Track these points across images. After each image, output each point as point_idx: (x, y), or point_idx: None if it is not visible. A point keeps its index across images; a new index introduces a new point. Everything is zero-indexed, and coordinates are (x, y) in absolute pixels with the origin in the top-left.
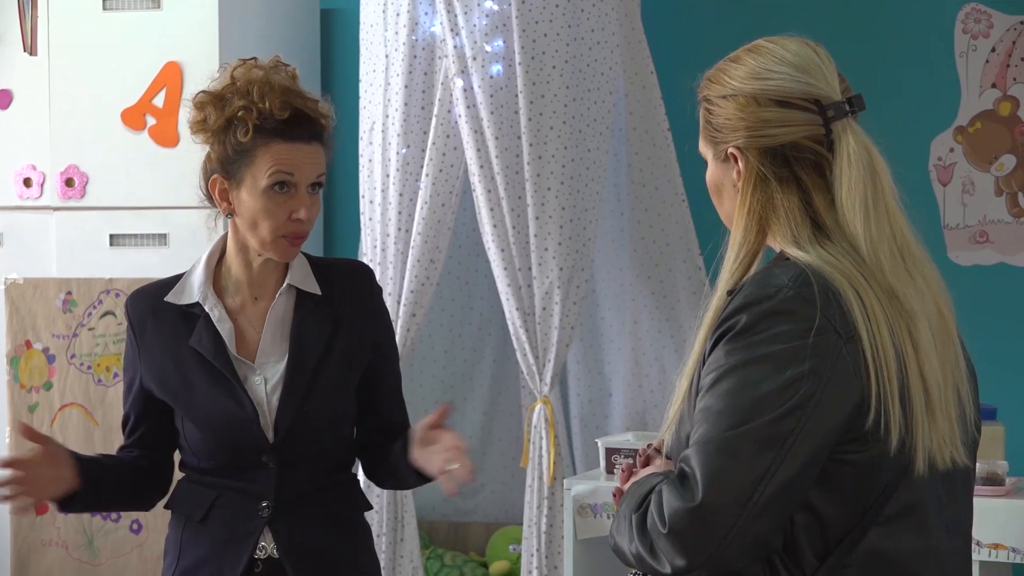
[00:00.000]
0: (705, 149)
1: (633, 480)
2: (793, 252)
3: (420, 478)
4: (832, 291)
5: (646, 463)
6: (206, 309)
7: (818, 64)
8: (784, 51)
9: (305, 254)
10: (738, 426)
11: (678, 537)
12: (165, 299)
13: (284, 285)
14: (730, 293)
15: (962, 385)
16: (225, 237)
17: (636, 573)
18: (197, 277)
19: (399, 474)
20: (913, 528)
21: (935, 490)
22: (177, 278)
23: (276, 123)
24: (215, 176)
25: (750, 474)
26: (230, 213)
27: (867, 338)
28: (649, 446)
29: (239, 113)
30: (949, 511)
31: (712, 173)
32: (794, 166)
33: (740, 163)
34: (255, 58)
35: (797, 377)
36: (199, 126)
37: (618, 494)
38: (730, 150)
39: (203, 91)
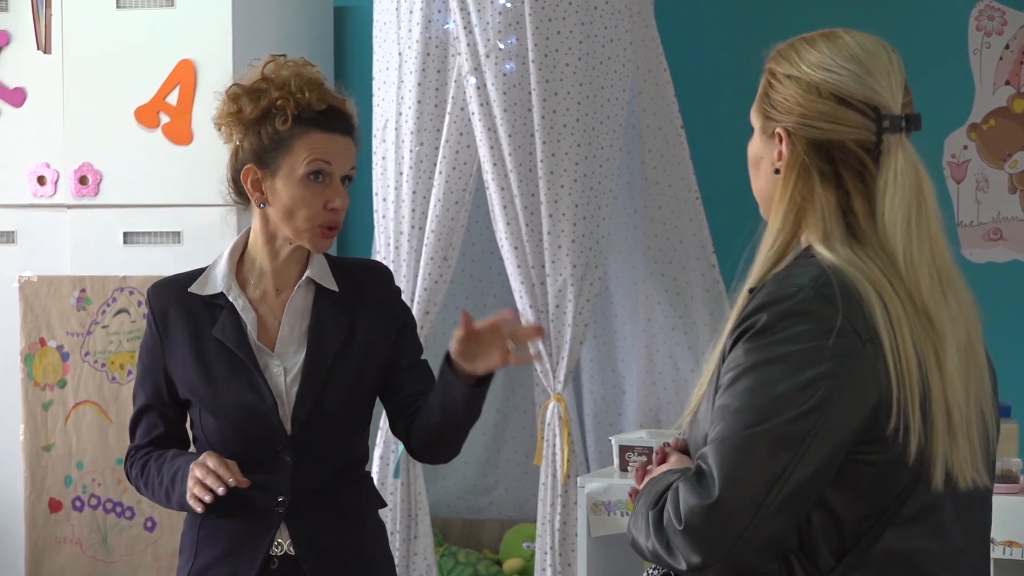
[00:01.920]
0: (755, 118)
1: (649, 477)
2: (819, 249)
3: (478, 387)
4: (854, 293)
5: (662, 460)
6: (230, 299)
7: (888, 71)
8: (859, 48)
9: (324, 253)
10: (755, 425)
11: (694, 534)
12: (188, 290)
13: (303, 278)
14: (752, 291)
15: (987, 407)
16: (248, 232)
17: (655, 568)
18: (221, 269)
19: (452, 404)
20: (930, 530)
21: (954, 497)
22: (200, 271)
23: (314, 114)
24: (248, 166)
25: (767, 473)
26: (262, 203)
27: (888, 342)
28: (666, 444)
29: (278, 102)
30: (967, 519)
31: (755, 144)
32: (838, 164)
33: (784, 146)
34: (284, 54)
35: (815, 378)
36: (233, 117)
37: (634, 494)
38: (777, 130)
39: (237, 83)
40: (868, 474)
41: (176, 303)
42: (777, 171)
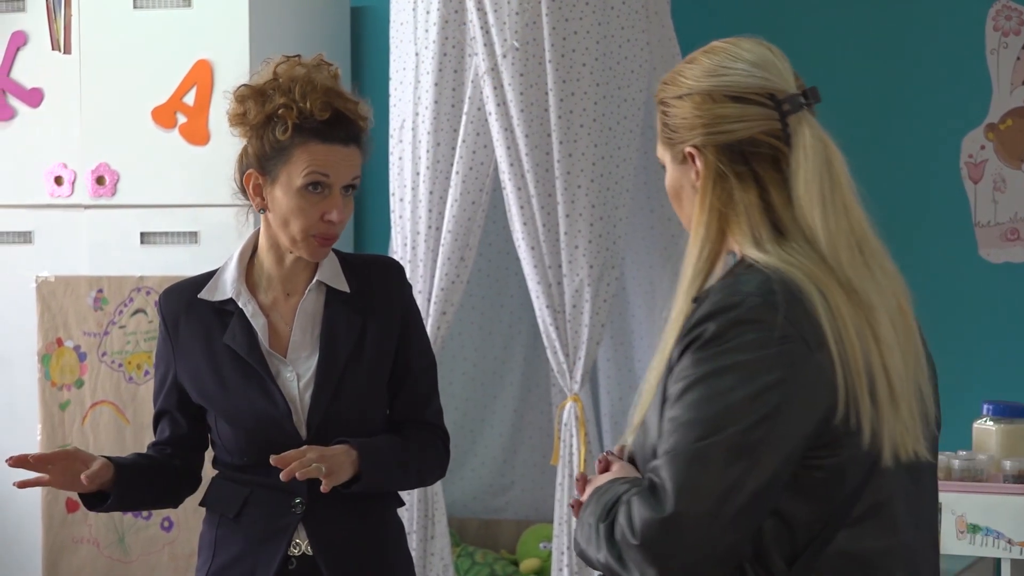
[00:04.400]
0: (663, 153)
1: (593, 486)
2: (753, 253)
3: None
4: (797, 295)
5: (605, 468)
6: (240, 305)
7: (772, 60)
8: (738, 49)
9: (336, 251)
10: (708, 436)
11: (649, 548)
12: (199, 296)
13: (313, 281)
14: (695, 300)
15: (923, 381)
16: (257, 233)
17: None
18: (230, 274)
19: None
20: (881, 527)
21: (903, 484)
22: (210, 275)
23: (316, 123)
24: (250, 171)
25: (721, 484)
26: (263, 208)
27: (832, 335)
28: (609, 452)
29: (279, 111)
30: (917, 506)
31: (671, 177)
32: (752, 162)
33: (698, 162)
34: (299, 55)
35: (766, 386)
36: (238, 119)
37: (577, 506)
38: (687, 150)
39: (245, 84)
40: (820, 479)
41: (187, 310)
42: None
